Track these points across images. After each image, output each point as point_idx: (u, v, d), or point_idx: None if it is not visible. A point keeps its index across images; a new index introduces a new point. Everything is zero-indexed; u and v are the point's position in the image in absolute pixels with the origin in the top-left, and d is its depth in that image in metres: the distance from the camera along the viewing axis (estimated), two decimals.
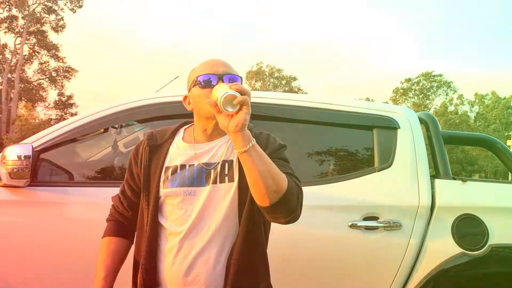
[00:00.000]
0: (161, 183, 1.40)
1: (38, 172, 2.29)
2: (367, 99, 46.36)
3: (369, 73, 78.13)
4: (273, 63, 53.66)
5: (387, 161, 2.39)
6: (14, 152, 2.09)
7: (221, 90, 1.19)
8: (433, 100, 51.40)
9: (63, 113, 38.69)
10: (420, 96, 51.29)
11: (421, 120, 2.60)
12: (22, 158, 2.08)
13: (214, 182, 1.36)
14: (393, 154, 2.39)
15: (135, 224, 1.49)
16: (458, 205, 2.32)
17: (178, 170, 1.39)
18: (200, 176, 1.37)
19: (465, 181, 2.39)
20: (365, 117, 2.49)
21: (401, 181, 2.34)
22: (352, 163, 2.54)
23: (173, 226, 1.36)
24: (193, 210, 1.35)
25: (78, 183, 2.44)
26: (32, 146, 2.16)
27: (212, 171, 1.38)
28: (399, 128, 2.45)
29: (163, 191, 1.39)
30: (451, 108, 49.89)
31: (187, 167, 1.39)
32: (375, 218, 2.26)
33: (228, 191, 1.36)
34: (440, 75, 50.58)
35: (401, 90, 52.11)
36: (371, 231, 2.24)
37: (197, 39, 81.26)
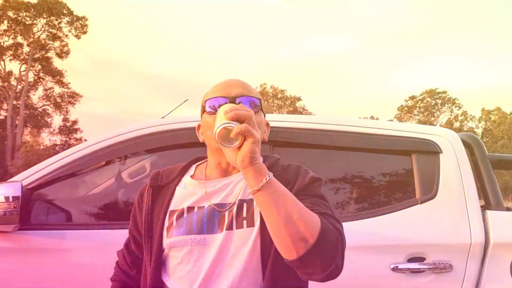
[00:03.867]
0: (165, 232, 1.12)
1: (31, 213, 1.99)
2: (372, 118, 46.25)
3: (373, 91, 78.10)
4: (276, 84, 53.62)
5: (430, 191, 2.08)
6: (0, 193, 1.80)
7: (216, 122, 0.95)
8: (438, 117, 51.15)
9: (67, 139, 38.76)
10: (425, 114, 51.07)
11: (464, 143, 2.28)
12: (10, 199, 1.79)
13: (229, 227, 1.08)
14: (436, 183, 2.09)
15: None
16: None
17: (185, 214, 1.11)
18: (211, 221, 1.09)
19: None
20: (401, 140, 2.19)
21: (448, 215, 2.03)
22: (389, 195, 2.22)
23: (179, 287, 1.07)
24: (203, 264, 1.06)
25: (79, 225, 2.12)
26: (22, 185, 1.86)
27: (226, 213, 1.09)
28: (442, 152, 2.16)
29: (166, 241, 1.10)
30: (456, 125, 49.52)
31: (195, 210, 1.11)
32: (421, 259, 1.95)
33: (247, 238, 1.06)
34: (444, 92, 50.46)
35: (406, 108, 51.96)
36: (417, 275, 1.94)
37: (205, 64, 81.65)
